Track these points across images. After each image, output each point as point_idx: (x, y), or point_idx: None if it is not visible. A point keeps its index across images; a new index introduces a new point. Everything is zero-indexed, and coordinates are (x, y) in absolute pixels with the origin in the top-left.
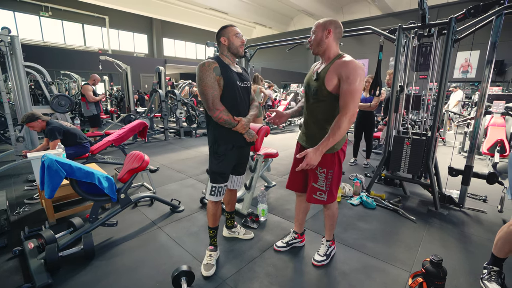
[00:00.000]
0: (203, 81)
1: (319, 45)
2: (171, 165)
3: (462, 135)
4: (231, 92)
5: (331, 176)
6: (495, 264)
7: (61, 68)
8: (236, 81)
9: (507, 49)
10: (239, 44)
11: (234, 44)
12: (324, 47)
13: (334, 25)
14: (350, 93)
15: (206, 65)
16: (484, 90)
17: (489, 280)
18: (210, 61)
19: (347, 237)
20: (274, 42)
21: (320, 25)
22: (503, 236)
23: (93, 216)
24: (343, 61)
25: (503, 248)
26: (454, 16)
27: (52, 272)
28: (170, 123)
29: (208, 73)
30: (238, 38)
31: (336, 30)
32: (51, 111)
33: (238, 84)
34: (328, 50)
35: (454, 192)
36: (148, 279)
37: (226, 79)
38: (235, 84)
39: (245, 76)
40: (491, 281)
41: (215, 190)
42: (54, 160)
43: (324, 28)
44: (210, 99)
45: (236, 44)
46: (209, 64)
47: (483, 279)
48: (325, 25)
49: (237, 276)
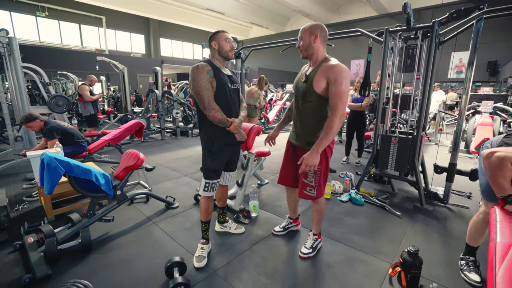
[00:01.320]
0: (197, 83)
1: (307, 49)
2: (167, 164)
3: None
4: (222, 93)
5: (319, 172)
6: (470, 254)
7: (58, 68)
8: (227, 83)
9: (500, 50)
10: (229, 49)
11: (223, 49)
12: (312, 51)
13: (320, 29)
14: (338, 95)
15: (200, 67)
16: (467, 90)
17: (469, 271)
18: (204, 64)
19: (334, 231)
20: (268, 44)
21: (306, 30)
22: (473, 225)
23: (90, 211)
24: (330, 64)
25: (475, 236)
26: (437, 19)
27: (51, 264)
28: (167, 123)
29: (202, 75)
30: (227, 43)
31: (322, 34)
32: (49, 111)
33: (229, 86)
34: (315, 54)
35: (440, 189)
36: (143, 271)
37: (218, 81)
38: (226, 86)
39: (234, 78)
40: (471, 271)
41: (209, 186)
42: (53, 158)
43: (311, 33)
44: (206, 99)
45: (226, 49)
46: (203, 66)
47: (463, 270)
48: (311, 30)
49: (228, 267)
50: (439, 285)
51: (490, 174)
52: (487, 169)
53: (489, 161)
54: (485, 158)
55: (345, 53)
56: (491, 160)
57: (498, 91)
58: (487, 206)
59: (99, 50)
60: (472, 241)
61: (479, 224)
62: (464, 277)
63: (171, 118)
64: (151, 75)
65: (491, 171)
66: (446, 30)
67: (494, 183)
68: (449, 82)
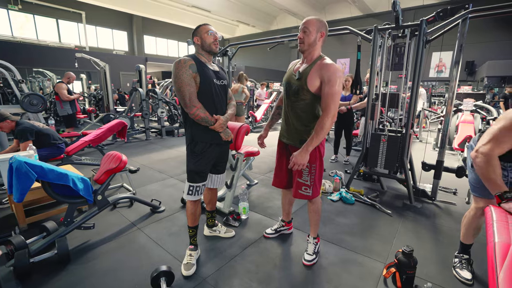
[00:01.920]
0: (179, 78)
1: (311, 45)
2: (152, 165)
3: (436, 132)
4: (207, 90)
5: (314, 170)
6: (464, 252)
7: (34, 65)
8: (213, 79)
9: (477, 51)
10: (212, 41)
11: (206, 42)
12: (314, 48)
13: (326, 28)
14: (331, 95)
15: (182, 62)
16: (453, 89)
17: (461, 268)
18: (186, 58)
19: (326, 232)
20: (256, 41)
21: (314, 25)
22: (466, 222)
23: (68, 219)
24: (324, 63)
25: (468, 233)
26: (425, 18)
27: (22, 280)
28: (152, 122)
29: (184, 70)
30: (210, 36)
31: (326, 34)
32: (22, 111)
33: (215, 82)
34: (314, 51)
35: (428, 186)
36: (127, 282)
37: (203, 77)
38: (212, 82)
39: (221, 74)
40: (463, 269)
41: (193, 189)
42: (23, 162)
43: (318, 30)
44: (187, 95)
45: (208, 42)
46: (185, 61)
47: (455, 267)
48: (320, 27)
49: (218, 274)
50: (433, 284)
51: (481, 172)
52: (478, 169)
53: (476, 160)
54: (473, 159)
55: (331, 51)
56: (477, 158)
57: (475, 90)
58: (478, 202)
59: (79, 47)
60: (465, 238)
61: (471, 221)
62: (456, 275)
63: (156, 117)
64: (135, 73)
65: (482, 168)
66: (433, 29)
67: (487, 181)
68: (430, 81)
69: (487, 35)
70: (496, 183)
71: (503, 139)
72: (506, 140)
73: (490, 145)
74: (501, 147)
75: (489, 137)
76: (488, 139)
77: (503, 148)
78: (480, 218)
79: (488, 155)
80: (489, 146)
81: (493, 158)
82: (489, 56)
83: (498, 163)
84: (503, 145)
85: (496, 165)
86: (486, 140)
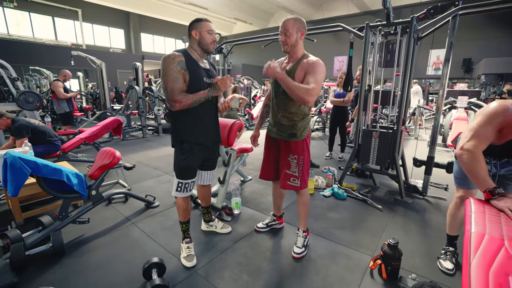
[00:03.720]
0: (165, 74)
1: (293, 45)
2: (148, 162)
3: (431, 129)
4: (196, 88)
5: (302, 162)
6: (450, 244)
7: (30, 63)
8: (203, 77)
9: (474, 48)
10: (210, 41)
11: (205, 40)
12: (297, 47)
13: (304, 26)
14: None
15: (171, 57)
16: (444, 86)
17: (444, 259)
18: (176, 54)
19: (317, 226)
20: (251, 38)
21: (293, 25)
22: (448, 213)
23: (62, 213)
24: (309, 60)
25: (451, 224)
26: (415, 15)
27: (18, 272)
28: (148, 120)
29: (172, 66)
30: (210, 35)
31: (305, 31)
32: (18, 109)
33: (205, 81)
34: (298, 50)
35: (419, 182)
36: (120, 274)
37: (192, 75)
38: (202, 80)
39: (212, 72)
40: (446, 260)
41: (182, 186)
42: (17, 157)
43: (298, 30)
44: (169, 92)
45: (207, 41)
46: (174, 56)
47: (439, 258)
48: (299, 27)
49: (209, 266)
50: (417, 275)
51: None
52: (465, 166)
53: (462, 157)
54: (458, 157)
55: (328, 49)
56: (463, 156)
57: (472, 87)
58: (458, 191)
59: (76, 45)
60: (449, 229)
61: (452, 211)
62: (439, 265)
63: (152, 115)
64: (131, 71)
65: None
66: (424, 26)
67: (475, 177)
68: (428, 78)
69: (484, 32)
70: (484, 178)
71: (484, 134)
72: (487, 135)
73: (473, 142)
74: (483, 142)
75: (471, 134)
76: (470, 136)
77: (485, 143)
78: (460, 208)
79: (473, 151)
80: (472, 142)
81: (478, 153)
82: (486, 54)
83: (483, 158)
84: (484, 140)
85: (482, 161)
86: (469, 137)
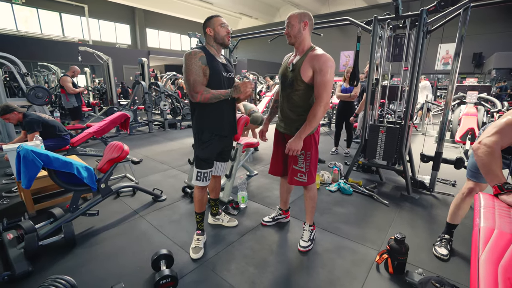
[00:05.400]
0: (188, 68)
1: (296, 36)
2: (154, 157)
3: (439, 125)
4: (216, 82)
5: (309, 158)
6: (447, 232)
7: (39, 59)
8: (222, 72)
9: (485, 42)
10: (225, 34)
11: (219, 34)
12: (301, 38)
13: (308, 18)
14: (323, 84)
15: (192, 53)
16: (453, 82)
17: (440, 246)
18: (197, 50)
19: (323, 220)
20: (256, 33)
21: (296, 17)
22: (454, 202)
23: (73, 206)
24: (315, 54)
25: (456, 213)
26: (425, 8)
27: (32, 261)
28: (154, 115)
29: (193, 61)
30: (223, 28)
31: (310, 22)
32: (28, 104)
33: (223, 75)
34: (303, 42)
35: (427, 178)
36: (129, 265)
37: (212, 69)
38: (220, 74)
39: (229, 67)
40: (441, 247)
41: (201, 175)
42: (30, 150)
43: (300, 20)
44: (191, 83)
45: (222, 34)
46: (196, 53)
47: (434, 245)
48: (300, 17)
49: (216, 258)
50: (424, 270)
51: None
52: (479, 160)
53: (478, 151)
54: (474, 150)
55: (334, 44)
56: (479, 149)
57: (482, 82)
58: (468, 183)
59: (82, 41)
60: (452, 218)
61: (458, 200)
62: (434, 252)
63: (158, 110)
64: (137, 67)
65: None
66: (434, 19)
67: (488, 172)
68: (436, 73)
69: (495, 26)
70: (497, 174)
71: (509, 134)
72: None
73: (494, 137)
74: (505, 140)
75: (495, 130)
76: (494, 132)
77: (506, 141)
78: (466, 198)
79: (491, 146)
80: (493, 138)
81: (496, 149)
82: (497, 48)
83: (500, 155)
84: (506, 139)
85: (498, 157)
86: (491, 132)
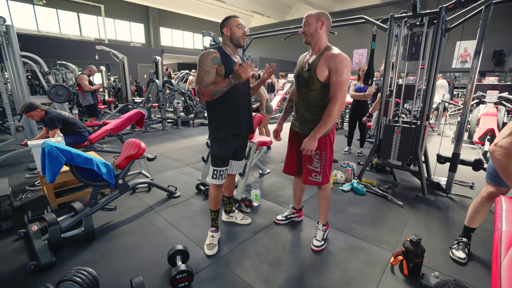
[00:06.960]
0: (199, 69)
1: (313, 35)
2: (168, 154)
3: (456, 125)
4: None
5: (324, 158)
6: (465, 235)
7: (57, 58)
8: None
9: (506, 39)
10: (241, 35)
11: (235, 35)
12: (317, 37)
13: (326, 17)
14: (338, 84)
15: (206, 54)
16: (473, 80)
17: (457, 249)
18: (211, 51)
19: (336, 220)
20: (270, 32)
21: (313, 16)
22: (473, 205)
23: (92, 200)
24: (332, 53)
25: (475, 216)
26: (444, 5)
27: (55, 252)
28: (168, 113)
29: (205, 61)
30: (239, 29)
31: (328, 22)
32: (49, 101)
33: None
34: (319, 41)
35: (443, 179)
36: (146, 259)
37: (227, 69)
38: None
39: None
40: (458, 250)
41: (217, 173)
42: (54, 147)
43: (317, 20)
44: (198, 84)
45: (238, 35)
46: (209, 53)
47: (452, 248)
48: (318, 16)
49: (230, 255)
50: (440, 273)
51: (500, 165)
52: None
53: (494, 153)
54: (491, 153)
55: (347, 42)
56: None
57: (503, 81)
58: (488, 187)
59: (99, 40)
60: (470, 221)
61: (477, 204)
62: (451, 255)
63: (172, 108)
64: (151, 65)
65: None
66: (453, 16)
67: (506, 174)
68: (453, 72)
69: None
70: None
71: None
72: None
73: (510, 138)
74: None
75: (510, 131)
76: (509, 133)
77: None
78: (486, 202)
79: (508, 148)
80: (509, 139)
81: None
82: None
83: None
84: None
85: None
86: (507, 134)
